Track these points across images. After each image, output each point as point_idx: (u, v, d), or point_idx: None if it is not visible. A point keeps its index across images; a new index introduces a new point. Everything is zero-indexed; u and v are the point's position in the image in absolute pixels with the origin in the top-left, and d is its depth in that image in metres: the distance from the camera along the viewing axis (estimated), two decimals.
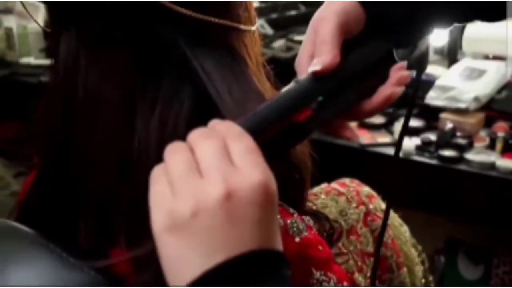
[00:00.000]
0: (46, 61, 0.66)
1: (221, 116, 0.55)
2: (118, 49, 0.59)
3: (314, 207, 0.81)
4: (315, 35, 0.62)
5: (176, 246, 0.44)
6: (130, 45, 0.59)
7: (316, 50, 0.60)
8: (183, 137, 0.54)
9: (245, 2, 0.64)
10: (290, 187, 0.67)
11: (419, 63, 0.66)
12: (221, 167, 0.45)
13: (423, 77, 1.95)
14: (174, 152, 0.47)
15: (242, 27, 0.62)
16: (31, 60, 2.46)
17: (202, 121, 0.58)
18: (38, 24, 0.71)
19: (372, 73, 0.60)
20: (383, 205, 0.93)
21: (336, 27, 0.60)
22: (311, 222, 0.65)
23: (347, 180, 0.95)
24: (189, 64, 0.58)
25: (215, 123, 0.49)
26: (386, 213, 0.74)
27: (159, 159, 0.56)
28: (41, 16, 1.13)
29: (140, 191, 0.58)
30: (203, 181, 0.44)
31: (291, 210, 0.64)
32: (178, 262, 0.44)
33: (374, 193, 0.94)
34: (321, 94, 0.57)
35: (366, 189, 0.93)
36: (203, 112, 0.58)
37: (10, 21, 2.48)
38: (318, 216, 0.72)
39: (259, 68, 0.67)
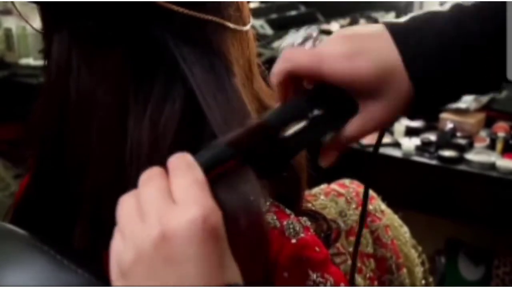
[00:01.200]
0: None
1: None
2: (111, 50, 0.58)
3: (312, 208, 0.80)
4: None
5: None
6: (123, 46, 0.58)
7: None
8: (173, 138, 0.54)
9: (237, 1, 0.64)
10: (286, 187, 0.67)
11: None
12: (159, 208, 0.44)
13: None
14: (124, 199, 0.47)
15: (232, 26, 0.62)
16: (30, 61, 2.46)
17: (193, 122, 0.58)
18: (32, 26, 0.71)
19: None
20: (383, 206, 0.93)
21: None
22: (308, 223, 0.64)
23: (346, 181, 0.95)
24: (179, 65, 0.58)
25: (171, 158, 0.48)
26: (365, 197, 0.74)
27: (150, 159, 0.56)
28: (39, 16, 1.12)
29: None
30: (143, 225, 0.44)
31: (288, 211, 0.63)
32: None
33: (374, 194, 0.93)
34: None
35: None
36: (193, 112, 0.58)
37: (10, 22, 2.48)
38: (315, 216, 0.72)
39: (251, 69, 0.67)
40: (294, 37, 0.67)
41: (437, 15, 0.57)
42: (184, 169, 0.47)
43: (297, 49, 0.58)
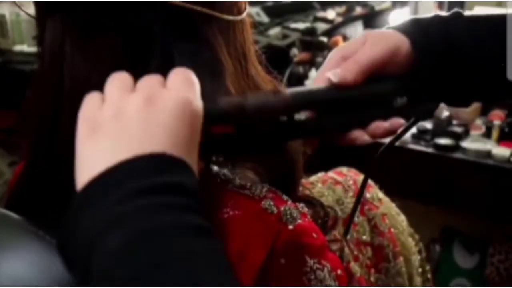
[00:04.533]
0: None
1: None
2: (104, 37, 0.58)
3: (310, 195, 0.80)
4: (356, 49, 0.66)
5: (89, 149, 0.45)
6: (115, 33, 0.58)
7: (345, 63, 0.64)
8: None
9: None
10: (282, 173, 0.66)
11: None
12: (151, 86, 0.48)
13: None
14: (115, 78, 0.49)
15: (224, 17, 0.61)
16: (24, 47, 2.44)
17: None
18: (26, 12, 0.70)
19: (377, 109, 0.65)
20: (380, 194, 0.93)
21: (377, 61, 0.64)
22: (305, 209, 0.64)
23: (344, 169, 0.95)
24: (171, 52, 0.58)
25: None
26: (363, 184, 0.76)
27: None
28: (32, 3, 1.12)
29: None
30: (131, 95, 0.47)
31: (285, 197, 0.63)
32: (87, 163, 0.45)
33: (371, 182, 0.93)
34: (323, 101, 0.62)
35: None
36: None
37: (3, 8, 2.46)
38: (312, 202, 0.71)
39: (245, 56, 0.66)
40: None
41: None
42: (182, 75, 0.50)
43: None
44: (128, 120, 0.45)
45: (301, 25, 2.15)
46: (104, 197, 0.42)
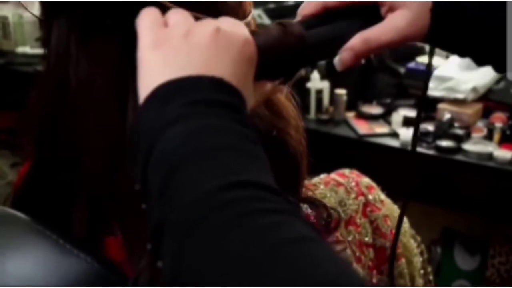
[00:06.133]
0: (42, 51, 0.66)
1: None
2: (109, 38, 0.58)
3: (313, 196, 0.80)
4: None
5: (155, 60, 0.47)
6: (121, 34, 0.58)
7: (356, 40, 0.60)
8: None
9: None
10: (286, 175, 0.67)
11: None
12: (213, 20, 0.50)
13: (420, 67, 1.95)
14: (177, 12, 0.51)
15: None
16: (27, 49, 2.45)
17: None
18: (32, 14, 0.71)
19: None
20: (382, 196, 0.93)
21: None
22: (309, 210, 0.64)
23: (346, 171, 0.94)
24: None
25: None
26: (402, 211, 0.76)
27: None
28: (37, 4, 1.12)
29: (131, 178, 0.57)
30: (200, 23, 0.49)
31: (289, 198, 0.63)
32: (153, 72, 0.47)
33: (373, 184, 0.93)
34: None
35: (365, 180, 0.92)
36: None
37: (6, 10, 2.47)
38: (315, 204, 0.72)
39: None
40: None
41: None
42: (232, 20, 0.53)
43: None
44: (199, 42, 0.47)
45: None
46: (170, 101, 0.45)
